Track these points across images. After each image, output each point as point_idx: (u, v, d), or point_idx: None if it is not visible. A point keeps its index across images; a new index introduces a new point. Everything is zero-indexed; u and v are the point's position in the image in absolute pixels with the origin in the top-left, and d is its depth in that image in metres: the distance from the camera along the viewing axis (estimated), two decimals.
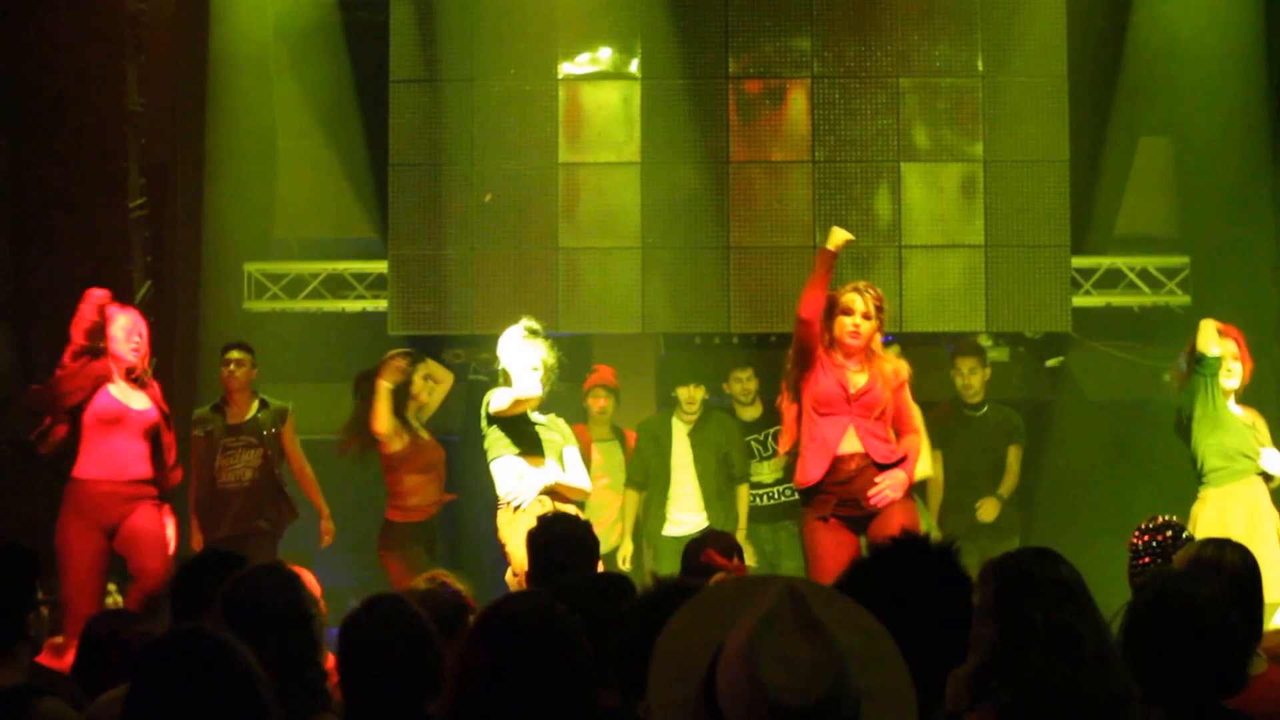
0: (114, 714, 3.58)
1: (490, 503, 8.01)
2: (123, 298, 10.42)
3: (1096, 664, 3.48)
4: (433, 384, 9.83)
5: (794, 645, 2.53)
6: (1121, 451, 11.28)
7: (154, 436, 8.65)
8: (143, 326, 8.74)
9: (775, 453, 10.03)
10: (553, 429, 8.16)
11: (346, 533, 10.02)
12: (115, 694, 4.24)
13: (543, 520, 6.23)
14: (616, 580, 5.01)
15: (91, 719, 4.30)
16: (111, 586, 8.85)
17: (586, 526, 6.21)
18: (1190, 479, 8.91)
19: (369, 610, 4.41)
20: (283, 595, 4.25)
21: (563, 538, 5.95)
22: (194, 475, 9.66)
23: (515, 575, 7.67)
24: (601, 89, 11.18)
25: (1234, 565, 4.71)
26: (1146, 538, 5.83)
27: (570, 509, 7.54)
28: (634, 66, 11.13)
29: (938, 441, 10.06)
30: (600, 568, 6.24)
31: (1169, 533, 5.82)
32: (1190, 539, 5.62)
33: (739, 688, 2.53)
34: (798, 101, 11.12)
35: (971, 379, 10.33)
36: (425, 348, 10.86)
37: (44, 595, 5.45)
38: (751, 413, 10.46)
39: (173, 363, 10.60)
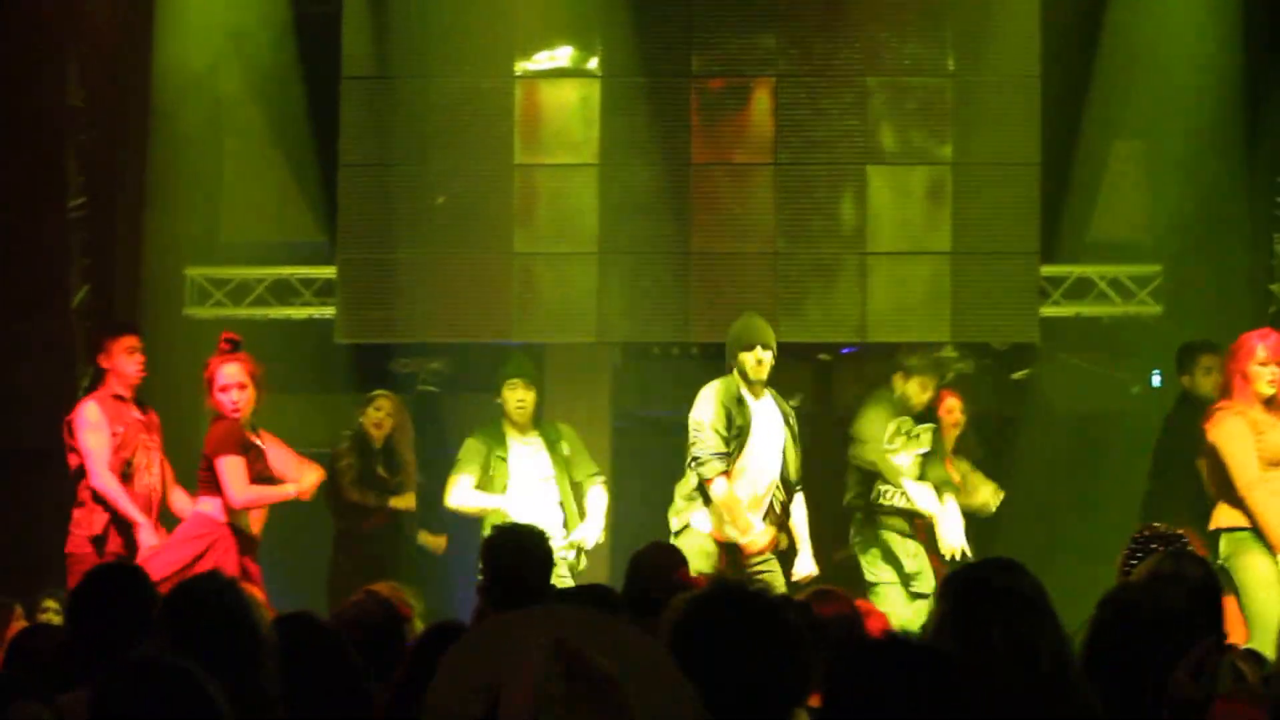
0: None
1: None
2: (58, 302, 10.21)
3: (1055, 679, 3.45)
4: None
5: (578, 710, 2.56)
6: (1091, 467, 11.05)
7: None
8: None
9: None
10: None
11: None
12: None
13: (498, 530, 6.01)
14: (603, 594, 4.88)
15: None
16: (51, 604, 8.55)
17: (542, 538, 5.93)
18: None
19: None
20: (226, 599, 4.08)
21: (517, 550, 5.73)
22: None
23: None
24: (560, 87, 10.89)
25: (1194, 578, 4.59)
26: (1142, 550, 5.47)
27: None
28: (594, 64, 10.84)
29: None
30: None
31: (1163, 545, 5.46)
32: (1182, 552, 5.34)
33: None
34: (762, 101, 10.86)
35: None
36: (373, 357, 10.62)
37: None
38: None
39: None
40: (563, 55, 10.87)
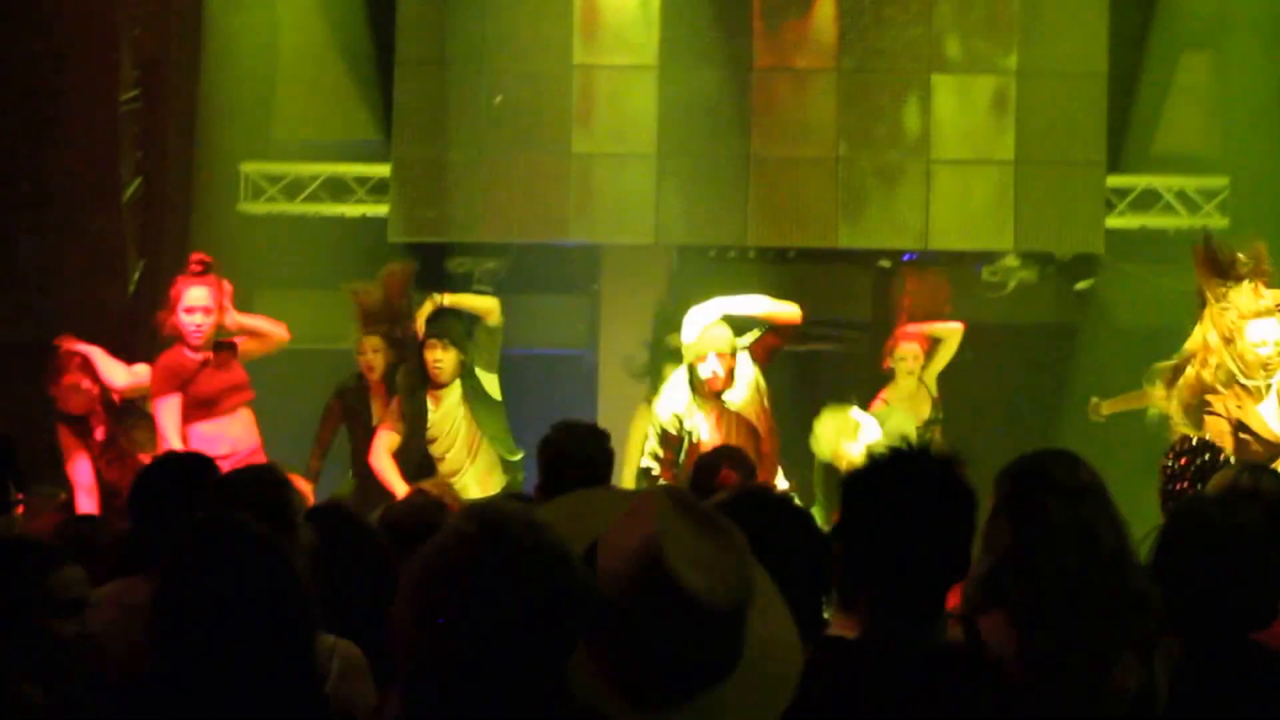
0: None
1: None
2: (110, 196, 10.09)
3: (1114, 563, 3.39)
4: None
5: (700, 546, 2.40)
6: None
7: None
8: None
9: None
10: None
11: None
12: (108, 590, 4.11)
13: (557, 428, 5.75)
14: None
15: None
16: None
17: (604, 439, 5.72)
18: None
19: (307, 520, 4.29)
20: (266, 490, 4.08)
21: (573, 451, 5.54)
22: None
23: None
24: None
25: (1270, 493, 4.49)
26: (1184, 460, 5.53)
27: None
28: None
29: None
30: None
31: (1206, 455, 5.53)
32: (1227, 462, 5.43)
33: (648, 590, 2.36)
34: (825, 6, 10.75)
35: None
36: (428, 256, 10.52)
37: (19, 495, 5.50)
38: None
39: (162, 265, 10.17)
40: None
